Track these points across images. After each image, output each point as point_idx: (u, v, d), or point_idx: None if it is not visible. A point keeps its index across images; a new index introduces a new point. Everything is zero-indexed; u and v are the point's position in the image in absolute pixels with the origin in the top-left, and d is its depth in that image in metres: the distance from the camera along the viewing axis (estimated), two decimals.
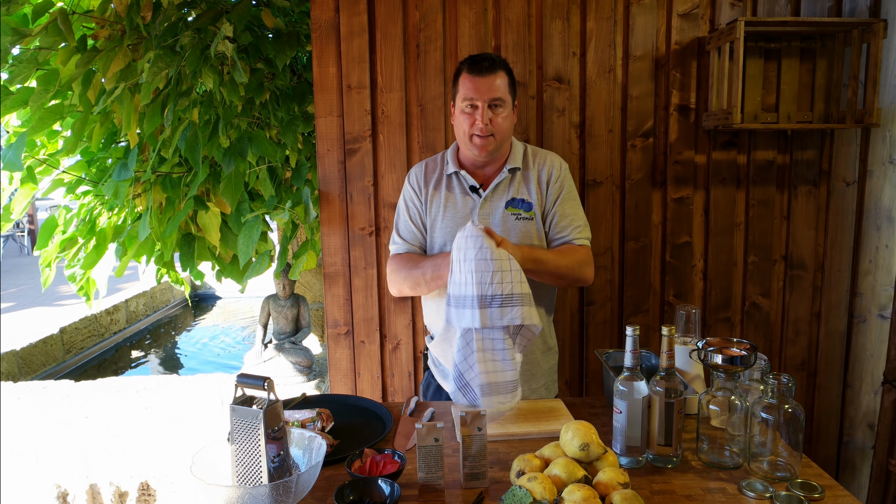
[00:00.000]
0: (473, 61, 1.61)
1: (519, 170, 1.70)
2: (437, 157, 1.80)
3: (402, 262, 1.71)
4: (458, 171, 1.71)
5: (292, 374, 3.41)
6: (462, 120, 1.63)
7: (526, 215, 1.67)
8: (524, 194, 1.69)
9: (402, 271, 1.69)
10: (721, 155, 2.31)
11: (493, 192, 1.68)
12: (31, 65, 2.26)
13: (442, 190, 1.72)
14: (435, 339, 1.73)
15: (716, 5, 2.24)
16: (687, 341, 1.56)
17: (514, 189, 1.69)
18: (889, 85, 2.12)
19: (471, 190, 1.70)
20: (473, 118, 1.61)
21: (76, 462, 2.55)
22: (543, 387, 1.78)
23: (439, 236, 1.71)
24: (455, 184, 1.72)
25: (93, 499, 2.55)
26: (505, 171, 1.68)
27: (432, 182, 1.74)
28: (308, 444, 1.21)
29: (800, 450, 1.25)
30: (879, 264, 2.22)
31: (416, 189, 1.75)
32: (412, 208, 1.75)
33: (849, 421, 2.37)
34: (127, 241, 2.71)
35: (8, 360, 4.19)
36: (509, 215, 1.67)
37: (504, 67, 1.63)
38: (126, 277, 7.08)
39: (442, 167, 1.76)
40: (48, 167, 2.63)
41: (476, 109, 1.60)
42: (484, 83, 1.58)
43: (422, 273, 1.64)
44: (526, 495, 1.06)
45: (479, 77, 1.59)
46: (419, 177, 1.76)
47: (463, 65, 1.64)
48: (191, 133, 2.49)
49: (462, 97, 1.62)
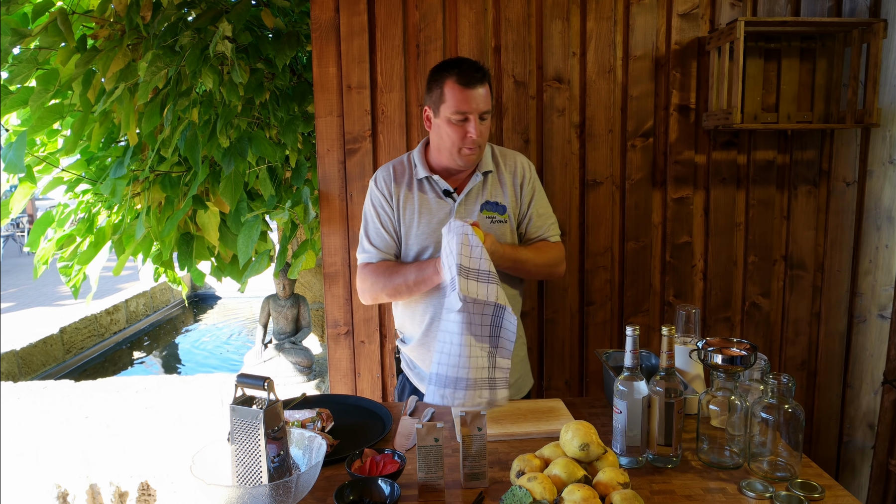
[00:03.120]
0: (462, 71, 1.55)
1: (491, 172, 1.69)
2: (402, 159, 1.74)
3: (379, 271, 1.66)
4: (430, 176, 1.67)
5: (292, 374, 3.41)
6: (450, 131, 1.58)
7: (500, 218, 1.67)
8: (498, 197, 1.69)
9: (381, 280, 1.64)
10: (721, 155, 2.31)
11: (468, 195, 1.67)
12: (30, 64, 2.26)
13: (415, 194, 1.68)
14: (412, 343, 1.74)
15: (716, 5, 2.24)
16: (687, 341, 1.56)
17: (487, 192, 1.68)
18: (889, 85, 2.12)
19: (444, 194, 1.67)
20: (464, 131, 1.57)
21: (76, 462, 2.55)
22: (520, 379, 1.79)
23: (415, 242, 1.67)
24: (427, 188, 1.68)
25: (93, 499, 2.54)
26: (478, 175, 1.67)
27: (403, 186, 1.68)
28: (308, 444, 1.21)
29: (800, 450, 1.25)
30: (879, 264, 2.22)
31: (386, 195, 1.69)
32: (383, 215, 1.69)
33: (849, 421, 2.37)
34: (124, 239, 2.71)
35: (8, 360, 4.19)
36: (485, 218, 1.66)
37: (487, 75, 1.60)
38: (126, 277, 7.09)
39: (411, 171, 1.70)
40: (48, 166, 2.63)
41: (468, 122, 1.56)
42: (476, 95, 1.55)
43: (404, 280, 1.61)
44: (526, 495, 1.06)
45: (470, 89, 1.54)
46: (387, 181, 1.69)
47: (448, 73, 1.57)
48: (190, 133, 2.49)
49: (453, 109, 1.55)
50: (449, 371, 1.48)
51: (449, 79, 1.56)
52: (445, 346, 1.49)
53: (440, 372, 1.49)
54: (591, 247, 2.31)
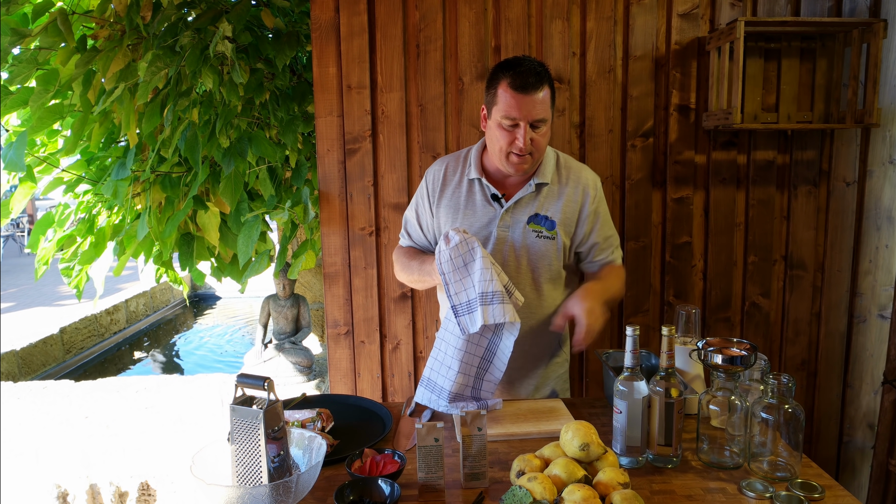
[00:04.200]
0: (517, 74, 1.45)
1: (547, 185, 1.60)
2: (461, 155, 1.70)
3: (400, 255, 1.76)
4: (480, 178, 1.62)
5: (292, 374, 3.41)
6: (499, 135, 1.50)
7: (548, 234, 1.59)
8: (549, 211, 1.60)
9: (399, 264, 1.75)
10: (721, 155, 2.31)
11: (516, 204, 1.59)
12: (31, 65, 2.26)
13: (462, 194, 1.64)
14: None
15: (716, 5, 2.24)
16: (687, 341, 1.56)
17: (538, 204, 1.59)
18: (889, 85, 2.12)
19: (492, 199, 1.61)
20: (513, 136, 1.49)
21: (76, 462, 2.55)
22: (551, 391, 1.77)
23: None
24: (476, 189, 1.63)
25: (93, 499, 2.54)
26: (531, 185, 1.58)
27: (451, 185, 1.66)
28: (308, 444, 1.21)
29: (800, 450, 1.25)
30: (879, 264, 2.22)
31: (430, 192, 1.67)
32: (421, 211, 1.71)
33: (849, 421, 2.37)
34: (125, 239, 2.72)
35: (8, 360, 4.19)
36: (530, 231, 1.59)
37: (548, 79, 1.49)
38: (126, 277, 7.09)
39: (464, 169, 1.66)
40: (48, 166, 2.63)
41: (517, 128, 1.48)
42: (529, 102, 1.45)
43: (410, 271, 1.69)
44: (526, 495, 1.06)
45: (523, 95, 1.45)
46: (437, 179, 1.68)
47: (503, 74, 1.48)
48: (190, 133, 2.49)
49: (503, 114, 1.48)
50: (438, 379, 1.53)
51: (504, 80, 1.47)
52: (440, 354, 1.52)
53: (431, 377, 1.54)
54: None
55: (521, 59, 1.49)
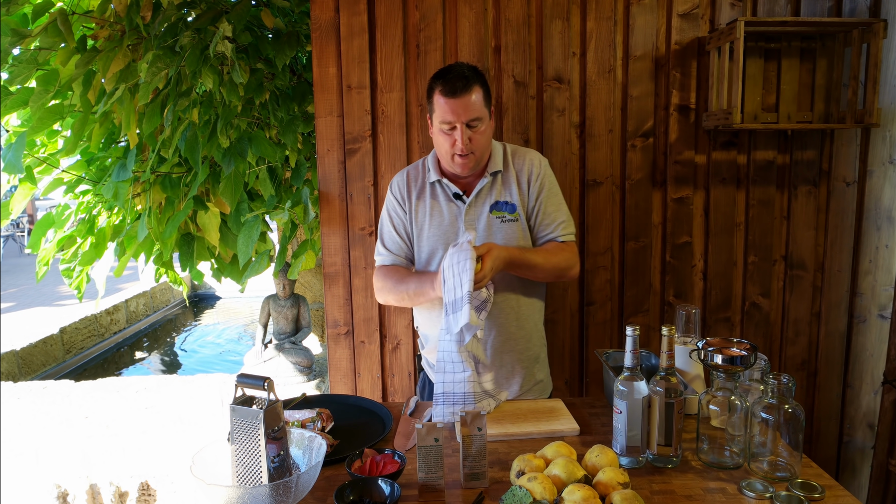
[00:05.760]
0: (447, 81, 1.56)
1: (500, 172, 1.70)
2: (418, 164, 1.78)
3: (387, 275, 1.71)
4: (441, 180, 1.70)
5: (292, 374, 3.41)
6: (442, 140, 1.61)
7: (510, 217, 1.68)
8: (507, 196, 1.69)
9: (388, 284, 1.70)
10: (721, 155, 2.31)
11: (477, 197, 1.68)
12: (31, 65, 2.26)
13: (426, 198, 1.72)
14: (430, 345, 1.77)
15: (716, 5, 2.24)
16: (687, 341, 1.56)
17: (496, 192, 1.69)
18: (889, 85, 2.12)
19: (454, 197, 1.69)
20: (453, 139, 1.58)
21: (76, 462, 2.55)
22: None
23: (426, 245, 1.70)
24: (439, 191, 1.71)
25: (93, 499, 2.54)
26: (487, 176, 1.68)
27: (415, 191, 1.73)
28: (308, 444, 1.21)
29: (800, 450, 1.25)
30: (879, 264, 2.22)
31: (399, 199, 1.74)
32: (396, 219, 1.74)
33: (849, 421, 2.37)
34: (126, 240, 2.72)
35: (8, 360, 4.19)
36: (494, 219, 1.67)
37: (478, 80, 1.58)
38: (126, 277, 7.08)
39: (424, 175, 1.74)
40: (48, 167, 2.63)
41: (455, 130, 1.57)
42: (459, 105, 1.55)
43: (406, 289, 1.66)
44: (526, 495, 1.06)
45: (453, 99, 1.54)
46: (401, 186, 1.74)
47: (436, 83, 1.59)
48: (190, 133, 2.49)
49: (440, 119, 1.58)
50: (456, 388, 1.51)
51: (437, 88, 1.58)
52: (448, 366, 1.51)
53: (447, 391, 1.52)
54: (591, 247, 2.31)
55: (451, 67, 1.59)
